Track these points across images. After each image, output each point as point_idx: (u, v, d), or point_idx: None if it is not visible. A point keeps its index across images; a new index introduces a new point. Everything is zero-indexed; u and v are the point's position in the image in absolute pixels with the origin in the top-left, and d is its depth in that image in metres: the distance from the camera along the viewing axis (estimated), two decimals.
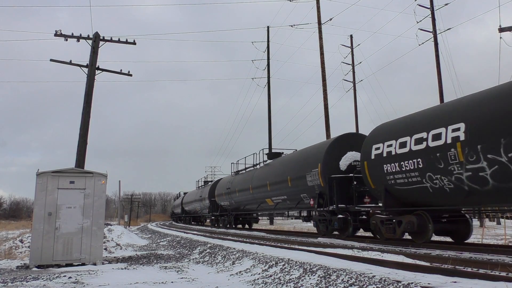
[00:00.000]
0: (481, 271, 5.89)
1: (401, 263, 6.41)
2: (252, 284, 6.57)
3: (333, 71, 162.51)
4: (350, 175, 13.46)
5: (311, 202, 15.22)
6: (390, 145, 11.05)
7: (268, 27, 38.02)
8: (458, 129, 8.98)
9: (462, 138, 8.81)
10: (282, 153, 20.76)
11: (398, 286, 4.69)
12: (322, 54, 26.61)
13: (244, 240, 14.09)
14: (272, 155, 21.20)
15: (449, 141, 9.13)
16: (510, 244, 14.34)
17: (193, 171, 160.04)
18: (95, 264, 9.85)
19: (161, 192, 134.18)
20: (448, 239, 12.20)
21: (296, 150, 19.11)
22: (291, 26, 32.10)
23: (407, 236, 11.49)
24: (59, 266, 9.69)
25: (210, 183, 33.78)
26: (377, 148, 11.54)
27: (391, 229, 11.27)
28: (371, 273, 5.47)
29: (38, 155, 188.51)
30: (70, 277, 7.56)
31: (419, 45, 28.28)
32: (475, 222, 45.47)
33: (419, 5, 27.74)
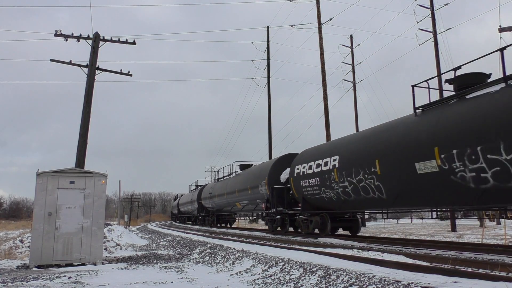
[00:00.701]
0: (481, 271, 5.89)
1: (401, 263, 6.41)
2: (252, 284, 6.57)
3: (333, 71, 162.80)
4: (287, 185, 17.33)
5: (263, 206, 19.72)
6: (304, 167, 15.42)
7: (268, 27, 38.01)
8: (335, 160, 13.40)
9: (337, 166, 13.18)
10: (251, 165, 24.89)
11: (398, 286, 4.69)
12: (322, 54, 26.61)
13: (244, 240, 14.10)
14: (243, 166, 25.37)
15: (331, 167, 13.48)
16: (510, 244, 14.33)
17: (193, 171, 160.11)
18: (95, 264, 9.85)
19: (161, 192, 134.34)
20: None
21: (257, 164, 24.09)
22: (291, 26, 32.08)
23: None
24: (59, 266, 9.69)
25: (199, 187, 37.98)
26: (298, 168, 15.99)
27: (306, 226, 15.88)
28: (371, 273, 5.47)
29: (38, 155, 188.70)
30: (70, 277, 7.56)
31: (419, 45, 28.28)
32: (475, 222, 45.51)
33: (419, 5, 27.74)
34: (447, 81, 10.19)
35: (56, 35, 16.41)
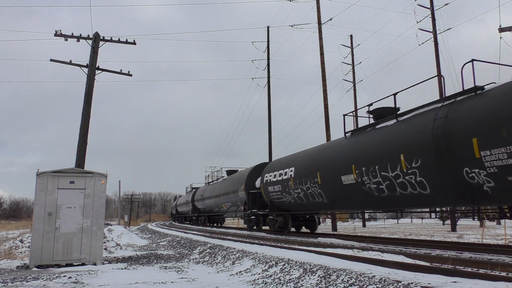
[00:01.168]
0: (481, 271, 5.89)
1: (401, 263, 6.41)
2: (252, 284, 6.57)
3: (333, 71, 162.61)
4: (259, 191, 20.07)
5: (242, 208, 23.56)
6: (271, 175, 18.57)
7: (268, 27, 38.02)
8: (292, 171, 16.47)
9: (293, 176, 16.28)
10: (237, 170, 27.54)
11: (398, 286, 4.69)
12: (322, 54, 26.61)
13: (244, 240, 14.10)
14: (229, 172, 28.59)
15: (289, 176, 16.60)
16: (510, 244, 14.33)
17: (193, 171, 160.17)
18: (95, 264, 9.85)
19: (161, 192, 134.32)
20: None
21: (241, 170, 26.72)
22: (291, 26, 32.09)
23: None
24: (59, 266, 9.69)
25: (193, 190, 40.66)
26: (266, 176, 19.10)
27: (273, 225, 19.28)
28: (371, 273, 5.47)
29: (38, 155, 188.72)
30: (70, 277, 7.56)
31: (419, 45, 28.26)
32: (475, 222, 45.49)
33: (419, 5, 27.71)
34: (367, 112, 12.92)
35: (56, 35, 16.40)
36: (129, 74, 17.49)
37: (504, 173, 7.82)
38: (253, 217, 21.37)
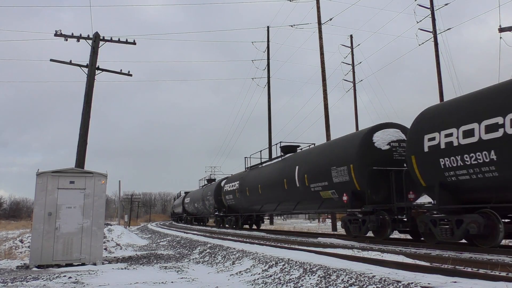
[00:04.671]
0: (481, 271, 5.89)
1: (401, 263, 6.41)
2: (252, 284, 6.57)
3: (333, 71, 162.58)
4: (221, 197, 28.07)
5: (211, 210, 32.16)
6: (229, 186, 26.80)
7: (268, 27, 38.04)
8: (237, 184, 24.70)
9: (237, 187, 24.56)
10: (214, 179, 35.12)
11: (398, 286, 4.69)
12: (322, 54, 26.60)
13: (244, 240, 14.09)
14: (209, 180, 36.06)
15: (236, 188, 25.19)
16: (510, 244, 14.32)
17: (194, 171, 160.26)
18: (95, 264, 9.85)
19: (161, 192, 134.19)
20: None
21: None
22: (291, 26, 32.08)
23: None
24: (59, 266, 9.69)
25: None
26: (225, 187, 27.81)
27: (229, 222, 26.96)
28: (371, 273, 5.47)
29: (39, 155, 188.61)
30: (70, 277, 7.56)
31: (419, 45, 28.27)
32: None
33: (419, 5, 27.72)
34: (280, 147, 19.79)
35: (56, 35, 16.41)
36: (129, 74, 17.49)
37: None
38: (218, 218, 28.54)
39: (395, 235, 14.40)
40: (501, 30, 16.78)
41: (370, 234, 12.87)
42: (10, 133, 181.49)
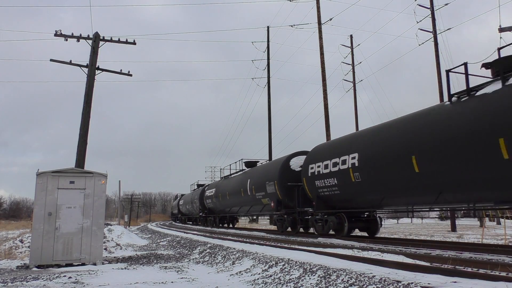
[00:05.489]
0: (481, 271, 5.89)
1: (401, 263, 6.41)
2: (252, 284, 6.57)
3: (333, 71, 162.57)
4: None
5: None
6: (210, 192, 28.93)
7: (268, 27, 38.03)
8: (212, 191, 29.63)
9: (212, 193, 29.63)
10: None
11: (398, 286, 4.69)
12: (322, 54, 26.61)
13: (244, 240, 14.09)
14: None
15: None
16: (510, 244, 14.33)
17: (194, 171, 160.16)
18: (95, 264, 9.85)
19: (161, 192, 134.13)
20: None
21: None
22: (291, 26, 32.09)
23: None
24: (59, 266, 9.69)
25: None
26: (207, 194, 29.92)
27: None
28: (371, 273, 5.47)
29: (39, 155, 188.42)
30: (70, 277, 7.56)
31: (419, 45, 28.27)
32: (475, 222, 45.40)
33: (419, 5, 27.72)
34: (244, 163, 23.32)
35: (56, 35, 16.40)
36: (129, 74, 17.49)
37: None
38: (202, 218, 29.93)
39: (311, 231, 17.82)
40: (501, 30, 16.78)
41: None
42: (10, 133, 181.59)
